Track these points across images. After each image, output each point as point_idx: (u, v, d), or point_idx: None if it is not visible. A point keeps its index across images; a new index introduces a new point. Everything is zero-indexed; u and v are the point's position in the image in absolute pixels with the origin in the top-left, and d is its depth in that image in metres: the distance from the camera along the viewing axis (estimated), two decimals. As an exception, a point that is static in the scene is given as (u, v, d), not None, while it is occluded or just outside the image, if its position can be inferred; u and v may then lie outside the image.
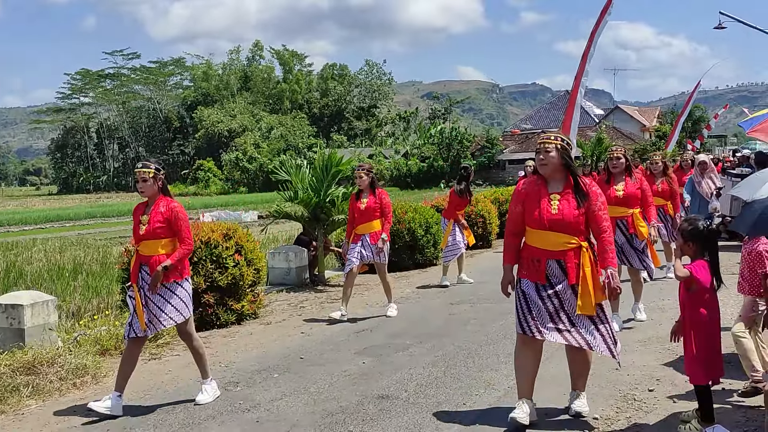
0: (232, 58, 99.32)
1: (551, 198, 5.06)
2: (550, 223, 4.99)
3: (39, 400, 6.27)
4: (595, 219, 5.02)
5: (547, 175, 5.11)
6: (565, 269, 5.01)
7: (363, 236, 9.17)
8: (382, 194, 9.29)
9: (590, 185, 5.10)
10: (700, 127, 56.12)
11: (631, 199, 8.13)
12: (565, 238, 4.99)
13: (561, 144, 5.06)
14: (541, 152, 5.08)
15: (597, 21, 14.12)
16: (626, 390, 5.95)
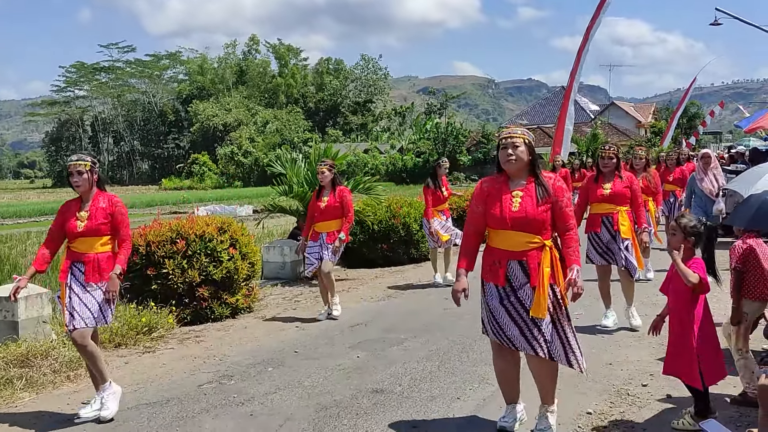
0: (228, 52, 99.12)
1: (513, 195, 4.77)
2: (512, 222, 4.71)
3: (32, 392, 6.27)
4: (561, 216, 4.75)
5: (513, 172, 4.82)
6: (527, 270, 4.71)
7: (321, 235, 8.83)
8: (343, 192, 8.89)
9: (555, 179, 4.83)
10: (695, 124, 56.33)
11: (618, 197, 7.88)
12: (527, 237, 4.70)
13: (528, 139, 4.80)
14: (509, 147, 4.75)
15: (593, 17, 14.15)
16: (620, 385, 5.97)
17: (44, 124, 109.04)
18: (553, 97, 78.73)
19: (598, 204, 7.97)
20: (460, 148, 58.94)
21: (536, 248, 4.69)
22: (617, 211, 7.85)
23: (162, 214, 24.58)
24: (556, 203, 4.73)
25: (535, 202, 4.70)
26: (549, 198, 4.72)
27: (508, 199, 4.76)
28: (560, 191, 4.75)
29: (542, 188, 4.74)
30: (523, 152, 4.74)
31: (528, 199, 4.71)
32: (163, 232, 8.90)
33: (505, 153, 4.75)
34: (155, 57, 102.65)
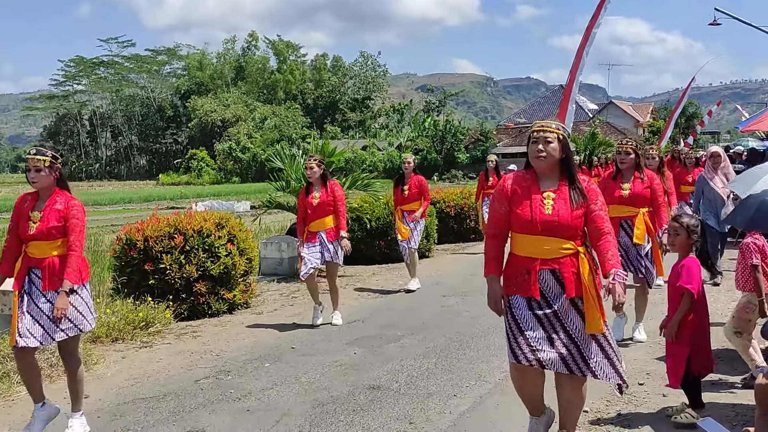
0: (227, 48, 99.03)
1: (545, 197, 4.25)
2: (543, 226, 4.18)
3: (29, 386, 6.24)
4: (595, 220, 4.24)
5: (543, 170, 4.30)
6: (561, 280, 4.19)
7: (318, 234, 8.31)
8: (334, 186, 8.42)
9: (588, 182, 4.36)
10: (693, 124, 56.33)
11: (638, 199, 7.17)
12: (560, 243, 4.19)
13: (563, 134, 4.27)
14: (540, 142, 4.23)
15: (593, 16, 14.13)
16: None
17: (42, 118, 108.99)
18: (552, 96, 78.73)
19: (615, 206, 7.01)
20: (458, 145, 58.99)
21: (570, 255, 4.21)
22: (636, 213, 7.16)
23: (160, 209, 24.59)
24: (589, 207, 4.26)
25: (569, 205, 4.21)
26: (584, 202, 4.25)
27: (539, 200, 4.25)
28: (594, 194, 4.30)
29: (578, 191, 4.26)
30: (555, 149, 4.24)
31: (561, 202, 4.22)
32: (160, 227, 8.89)
33: (536, 148, 4.25)
34: (154, 52, 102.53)
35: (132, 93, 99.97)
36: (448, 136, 59.69)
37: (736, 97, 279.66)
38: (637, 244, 7.11)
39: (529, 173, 4.38)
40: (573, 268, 4.19)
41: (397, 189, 10.89)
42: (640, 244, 7.11)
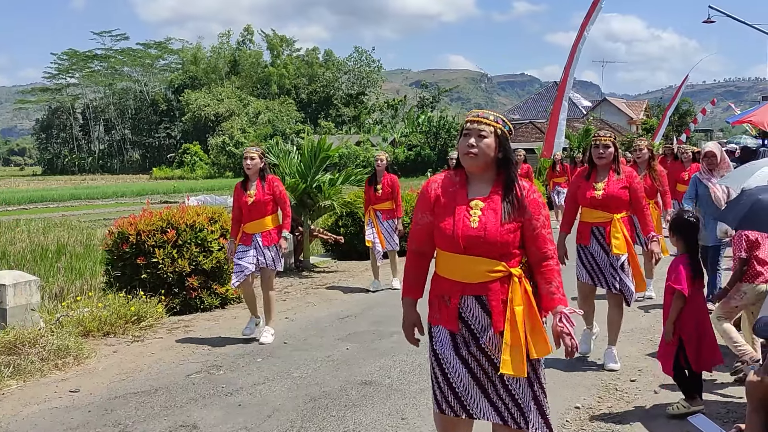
0: (222, 42, 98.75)
1: (472, 206, 3.45)
2: (467, 243, 3.38)
3: (20, 380, 6.24)
4: (535, 240, 3.45)
5: (474, 171, 3.49)
6: (488, 310, 3.40)
7: (253, 237, 7.43)
8: (273, 182, 7.54)
9: (530, 190, 3.50)
10: (686, 121, 56.46)
11: (613, 201, 6.17)
12: (488, 265, 3.39)
13: (502, 128, 3.47)
14: (471, 135, 3.44)
15: (588, 13, 14.15)
16: (608, 380, 5.98)
17: (35, 111, 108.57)
18: (546, 93, 78.69)
19: (587, 210, 6.32)
20: (453, 141, 58.91)
21: (500, 279, 3.40)
22: (610, 220, 6.16)
23: (152, 203, 24.52)
24: (528, 222, 3.44)
25: (499, 217, 3.39)
26: (519, 214, 3.43)
27: (464, 210, 3.44)
28: (536, 207, 3.46)
29: (512, 201, 3.44)
30: (489, 146, 3.42)
31: (491, 213, 3.41)
32: (153, 221, 8.87)
33: (466, 143, 3.45)
34: (145, 45, 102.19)
35: (125, 87, 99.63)
36: (442, 132, 59.68)
37: (730, 95, 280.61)
38: (617, 255, 6.13)
39: (458, 175, 3.56)
40: (503, 295, 3.39)
41: (369, 188, 10.41)
42: (619, 254, 6.12)
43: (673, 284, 5.00)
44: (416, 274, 3.71)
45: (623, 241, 6.11)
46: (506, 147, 3.47)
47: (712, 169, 7.70)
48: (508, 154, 3.48)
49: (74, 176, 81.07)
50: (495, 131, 3.44)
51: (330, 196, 12.12)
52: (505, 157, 3.47)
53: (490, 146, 3.42)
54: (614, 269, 6.15)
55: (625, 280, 6.15)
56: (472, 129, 3.46)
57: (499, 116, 3.52)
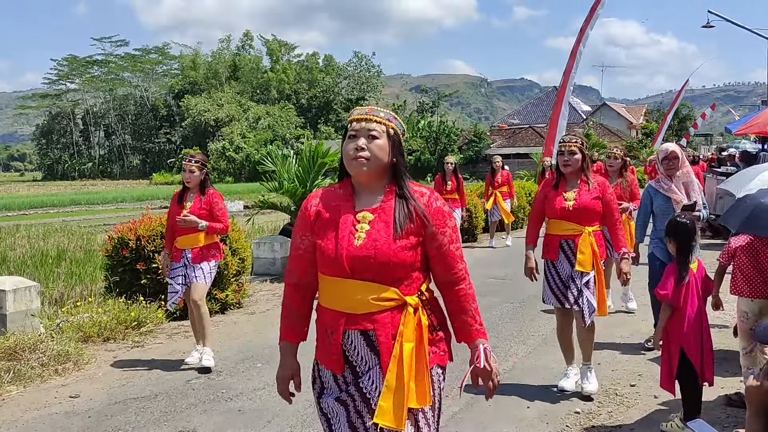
0: (222, 47, 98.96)
1: (359, 219, 2.85)
2: (352, 264, 2.76)
3: (20, 385, 6.24)
4: (442, 259, 2.88)
5: (364, 180, 2.87)
6: (375, 346, 2.78)
7: (184, 252, 6.70)
8: (213, 197, 6.77)
9: (431, 197, 2.91)
10: (686, 126, 56.56)
11: (585, 213, 5.63)
12: (377, 291, 2.76)
13: (394, 127, 2.90)
14: (360, 136, 2.83)
15: (587, 17, 14.18)
16: (608, 385, 5.98)
17: (35, 116, 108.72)
18: (545, 97, 78.85)
19: (557, 221, 5.73)
20: (452, 146, 58.97)
21: (391, 310, 2.78)
22: (580, 232, 5.62)
23: (152, 208, 24.52)
24: (431, 237, 2.85)
25: (391, 231, 2.79)
26: (418, 227, 2.83)
27: (350, 225, 2.84)
28: (440, 217, 2.86)
29: (406, 209, 2.83)
30: (382, 147, 2.83)
31: (381, 227, 2.80)
32: (153, 226, 8.87)
33: (353, 146, 2.82)
34: (145, 51, 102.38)
35: (125, 92, 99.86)
36: (442, 137, 59.73)
37: (729, 100, 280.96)
38: (581, 272, 5.58)
39: (343, 187, 2.95)
40: (394, 328, 2.76)
41: None
42: (582, 272, 5.58)
43: (659, 290, 4.95)
44: (298, 312, 3.04)
45: (589, 257, 5.56)
46: (399, 149, 2.91)
47: (671, 174, 6.43)
48: (401, 158, 2.92)
49: (74, 181, 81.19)
50: (387, 131, 2.87)
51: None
52: (397, 159, 2.89)
53: (383, 148, 2.83)
54: (578, 287, 5.59)
55: (589, 298, 5.59)
56: (360, 129, 2.85)
57: (391, 113, 2.94)
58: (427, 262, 2.90)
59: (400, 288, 2.79)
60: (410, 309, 2.78)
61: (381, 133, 2.84)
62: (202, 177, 6.77)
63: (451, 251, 2.89)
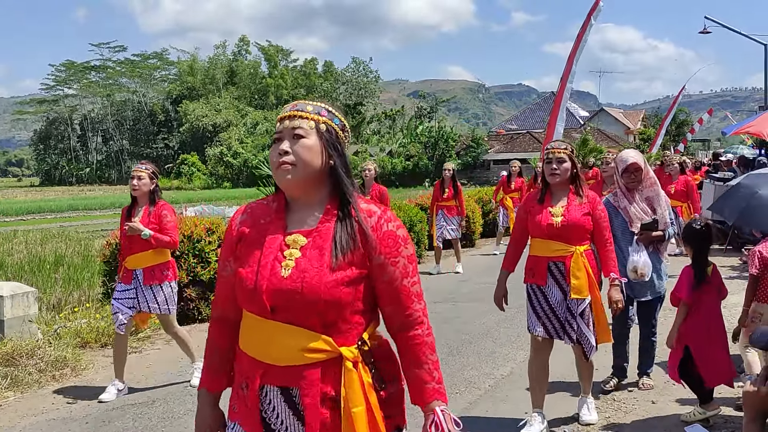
0: (218, 53, 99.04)
1: (288, 244, 2.28)
2: (275, 300, 2.20)
3: (17, 391, 6.23)
4: (394, 296, 2.31)
5: (294, 190, 2.32)
6: (301, 414, 2.21)
7: (135, 273, 6.11)
8: (162, 209, 6.17)
9: (381, 217, 2.32)
10: (684, 131, 56.60)
11: (575, 231, 4.86)
12: (303, 339, 2.19)
13: (328, 122, 2.34)
14: (285, 138, 2.30)
15: (584, 23, 14.19)
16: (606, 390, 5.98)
17: (33, 122, 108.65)
18: (543, 103, 78.87)
19: (542, 241, 4.95)
20: (450, 152, 59.02)
21: (322, 364, 2.20)
22: (571, 253, 4.86)
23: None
24: (380, 268, 2.28)
25: (327, 260, 2.22)
26: (362, 255, 2.26)
27: (276, 249, 2.28)
28: (391, 243, 2.29)
29: (348, 231, 2.27)
30: (310, 148, 2.28)
31: (314, 255, 2.23)
32: (151, 232, 8.86)
33: (278, 149, 2.29)
34: (143, 56, 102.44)
35: (123, 97, 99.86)
36: (440, 143, 59.77)
37: (727, 105, 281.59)
38: (577, 299, 4.85)
39: (276, 200, 2.41)
40: (326, 388, 2.20)
41: None
42: (580, 299, 4.85)
43: (675, 291, 5.03)
44: (221, 354, 2.46)
45: (585, 281, 4.83)
46: (339, 150, 2.34)
47: (633, 188, 5.65)
48: (342, 161, 2.34)
49: (72, 187, 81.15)
50: (318, 128, 2.30)
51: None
52: (336, 164, 2.32)
53: (312, 149, 2.27)
54: (571, 316, 4.87)
55: (583, 328, 4.88)
56: (284, 130, 2.31)
57: (324, 106, 2.37)
58: (375, 301, 2.33)
59: (335, 336, 2.20)
60: (348, 364, 2.20)
61: (309, 130, 2.28)
62: (152, 187, 6.21)
63: (405, 287, 2.30)
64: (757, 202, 5.19)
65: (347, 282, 2.21)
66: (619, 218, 5.60)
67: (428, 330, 2.37)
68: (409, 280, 2.31)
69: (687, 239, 5.14)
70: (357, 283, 2.24)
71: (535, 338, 5.02)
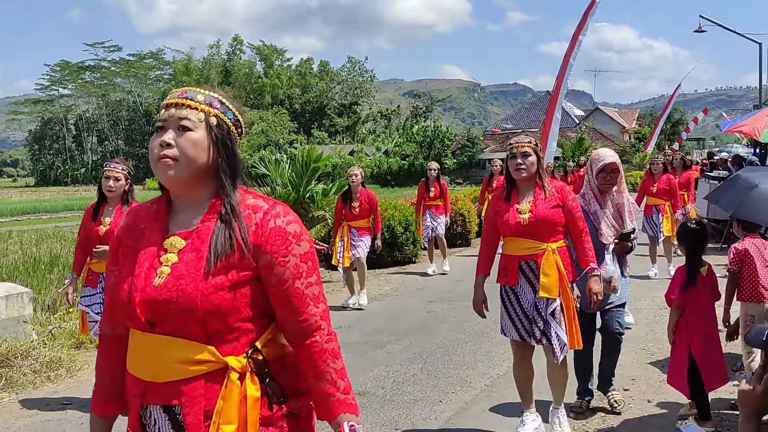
0: (212, 53, 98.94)
1: (165, 247, 2.08)
2: (150, 312, 2.01)
3: (12, 392, 6.22)
4: (285, 301, 2.08)
5: (177, 188, 2.13)
6: (182, 428, 2.01)
7: (101, 276, 5.78)
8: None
9: (269, 213, 2.09)
10: (679, 130, 56.71)
11: (546, 226, 4.66)
12: (183, 350, 2.00)
13: (219, 114, 2.13)
14: (168, 126, 2.08)
15: (580, 22, 14.21)
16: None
17: (28, 122, 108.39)
18: (539, 102, 79.01)
19: (513, 240, 4.77)
20: (446, 151, 59.06)
21: (205, 376, 2.00)
22: (543, 250, 4.66)
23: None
24: (268, 269, 2.06)
25: (202, 264, 2.01)
26: (245, 257, 2.04)
27: (151, 256, 2.07)
28: (280, 240, 2.06)
29: (227, 232, 2.04)
30: (194, 141, 2.06)
31: (191, 258, 2.03)
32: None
33: (155, 142, 2.09)
34: (138, 56, 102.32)
35: (118, 98, 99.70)
36: (436, 142, 59.79)
37: (721, 104, 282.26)
38: (548, 299, 4.63)
39: (159, 200, 2.22)
40: (209, 403, 1.99)
41: (344, 206, 9.67)
42: (551, 298, 4.63)
43: (668, 294, 5.03)
44: (110, 375, 2.24)
45: (555, 279, 4.61)
46: (228, 148, 2.10)
47: (605, 191, 5.21)
48: (230, 160, 2.10)
49: (67, 187, 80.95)
50: (207, 121, 2.08)
51: (322, 207, 12.13)
52: (226, 165, 2.10)
53: (198, 144, 2.05)
54: (541, 316, 4.66)
55: (557, 330, 4.65)
56: (169, 118, 2.07)
57: (218, 96, 2.17)
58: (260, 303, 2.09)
59: (219, 345, 1.99)
60: (233, 376, 1.99)
61: (197, 123, 2.06)
62: (126, 187, 5.79)
63: (297, 290, 2.06)
64: (758, 196, 5.18)
65: (228, 287, 2.00)
66: (588, 223, 4.98)
67: (328, 336, 2.11)
68: (303, 281, 2.08)
69: (682, 238, 5.14)
70: (240, 287, 2.03)
71: (514, 342, 4.87)
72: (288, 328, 2.11)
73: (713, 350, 4.96)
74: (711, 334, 4.97)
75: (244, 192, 2.15)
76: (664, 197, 11.01)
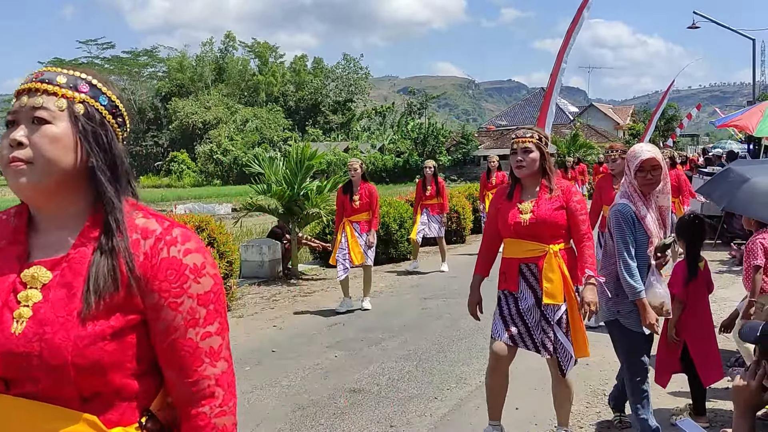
0: (206, 50, 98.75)
1: (24, 281, 1.51)
2: (5, 371, 1.46)
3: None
4: (173, 354, 1.55)
5: (37, 201, 1.58)
6: None
7: None
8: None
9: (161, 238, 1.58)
10: (672, 126, 56.78)
11: (547, 228, 4.39)
12: (53, 420, 1.46)
13: (86, 99, 1.57)
14: (20, 119, 1.53)
15: (574, 18, 14.20)
16: (596, 385, 5.99)
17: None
18: (533, 99, 79.12)
19: (513, 241, 4.52)
20: (440, 148, 59.05)
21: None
22: (544, 252, 4.40)
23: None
24: (156, 311, 1.54)
25: (80, 303, 1.48)
26: (131, 293, 1.52)
27: (5, 293, 1.51)
28: (174, 275, 1.55)
29: (111, 262, 1.51)
30: (52, 137, 1.52)
31: (61, 296, 1.50)
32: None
33: (5, 141, 1.54)
34: (133, 54, 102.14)
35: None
36: (431, 139, 59.77)
37: (715, 100, 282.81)
38: (553, 305, 4.37)
39: (17, 213, 1.69)
40: None
41: (345, 199, 9.39)
42: (555, 304, 4.37)
43: (669, 288, 5.00)
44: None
45: (559, 284, 4.34)
46: (103, 143, 1.59)
47: (648, 193, 4.28)
48: (107, 159, 1.60)
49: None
50: (71, 109, 1.56)
51: (317, 204, 12.11)
52: (103, 166, 1.59)
53: (59, 141, 1.53)
54: (547, 324, 4.40)
55: (562, 339, 4.38)
56: (20, 110, 1.55)
57: (85, 77, 1.61)
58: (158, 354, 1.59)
59: (102, 413, 1.50)
60: None
61: (57, 113, 1.53)
62: None
63: (190, 342, 1.55)
64: (751, 189, 5.18)
65: (110, 335, 1.48)
66: (641, 232, 4.24)
67: (220, 409, 1.57)
68: (198, 330, 1.55)
69: (680, 233, 5.15)
70: (126, 334, 1.51)
71: (495, 345, 4.50)
72: (174, 391, 1.58)
73: (710, 345, 4.98)
74: (708, 329, 5.00)
75: (133, 208, 1.65)
76: (673, 194, 10.95)
